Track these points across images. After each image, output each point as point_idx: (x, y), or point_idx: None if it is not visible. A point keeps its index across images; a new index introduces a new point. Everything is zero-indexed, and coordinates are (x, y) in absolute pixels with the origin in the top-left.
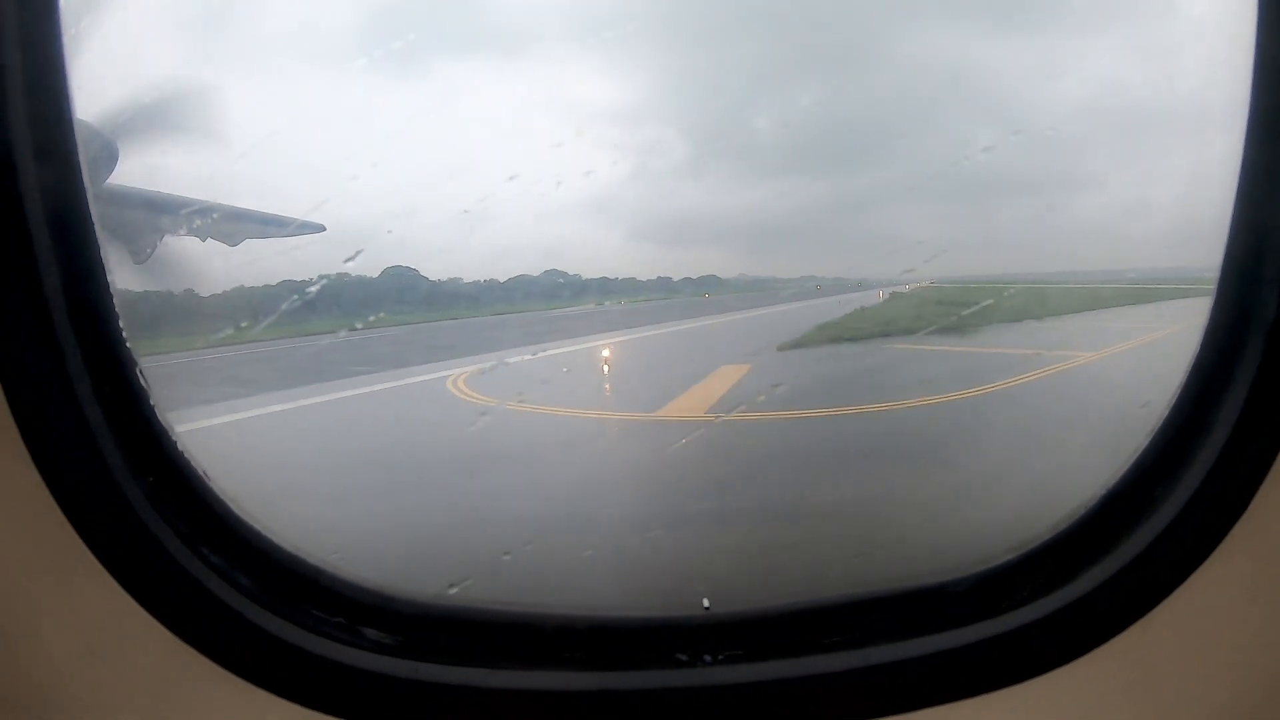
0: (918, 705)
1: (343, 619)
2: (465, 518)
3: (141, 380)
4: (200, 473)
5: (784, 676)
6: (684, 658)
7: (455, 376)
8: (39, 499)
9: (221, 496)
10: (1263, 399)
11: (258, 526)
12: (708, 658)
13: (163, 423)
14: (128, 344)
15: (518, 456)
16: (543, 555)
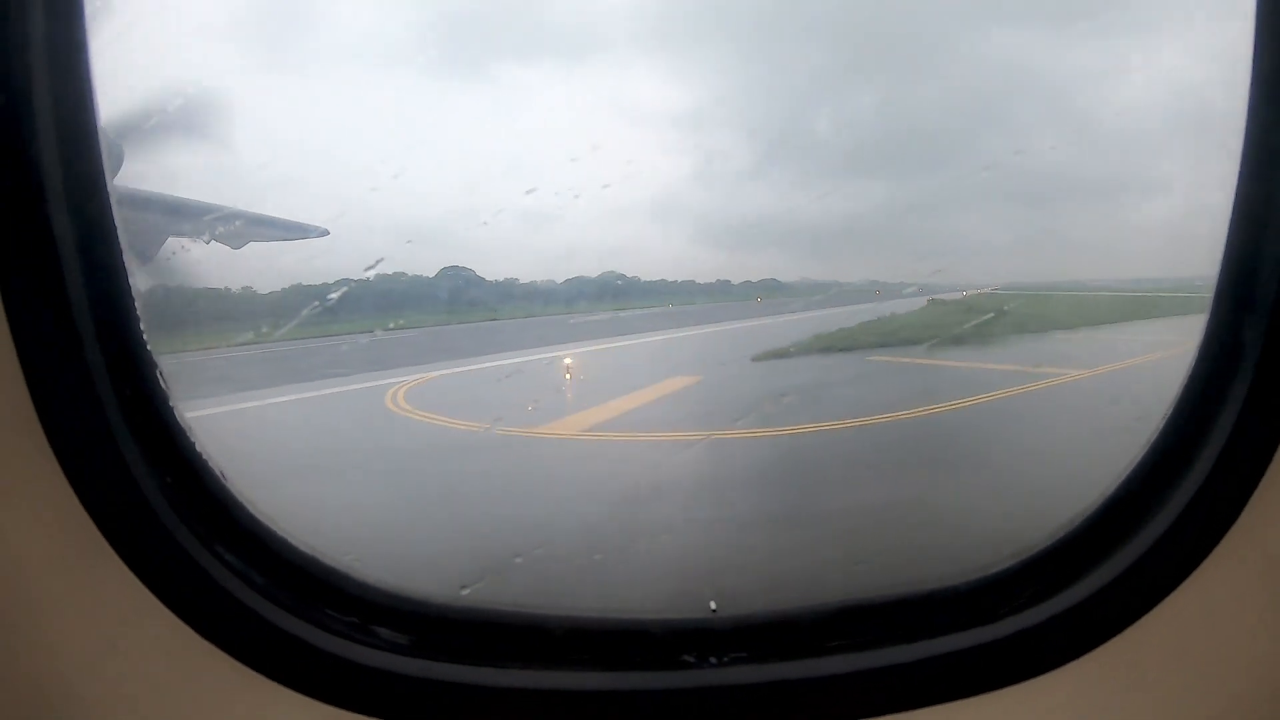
0: (920, 705)
1: (356, 618)
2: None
3: (161, 381)
4: (218, 473)
5: (789, 678)
6: (691, 659)
7: (400, 387)
8: (62, 496)
9: (238, 496)
10: (1258, 407)
11: (273, 526)
12: (714, 659)
13: (182, 423)
14: (148, 345)
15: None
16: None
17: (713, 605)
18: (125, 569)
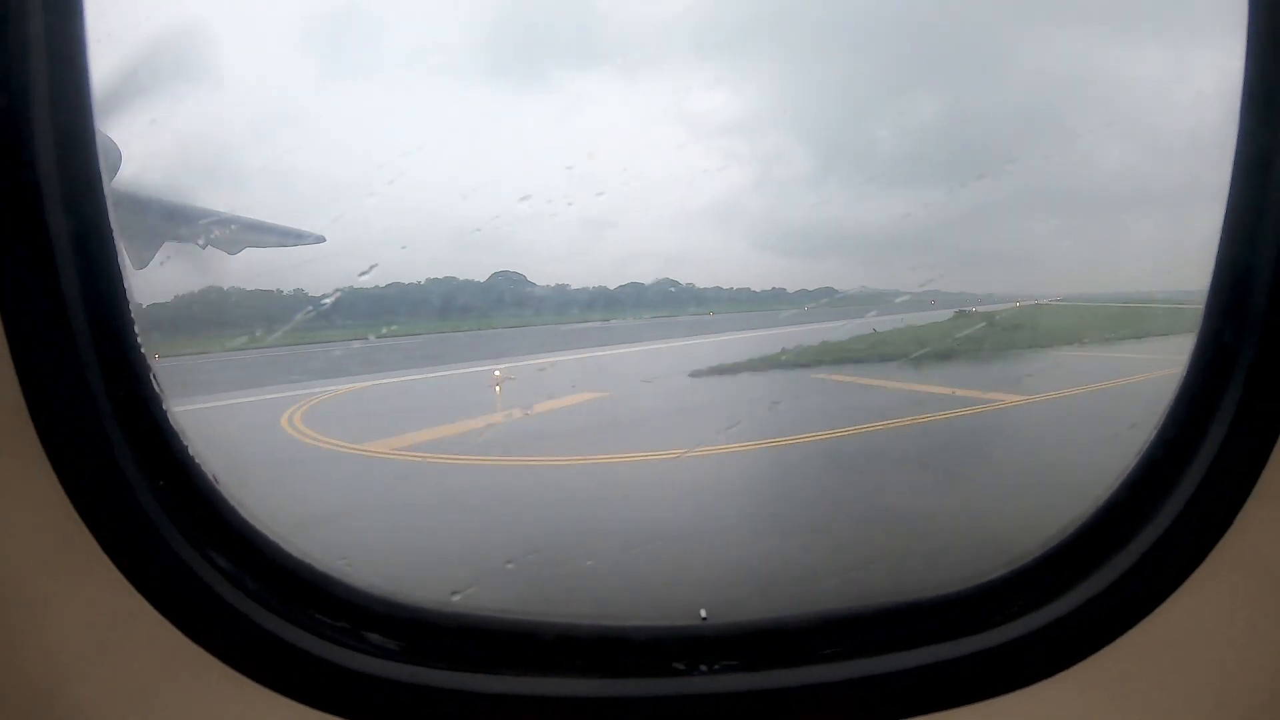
0: (910, 714)
1: (347, 623)
2: None
3: (155, 384)
4: (210, 477)
5: (779, 686)
6: (681, 666)
7: (322, 397)
8: (54, 500)
9: (231, 500)
10: (1248, 419)
11: (265, 531)
12: (704, 667)
13: (175, 427)
14: (142, 349)
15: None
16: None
17: (703, 613)
18: (117, 573)
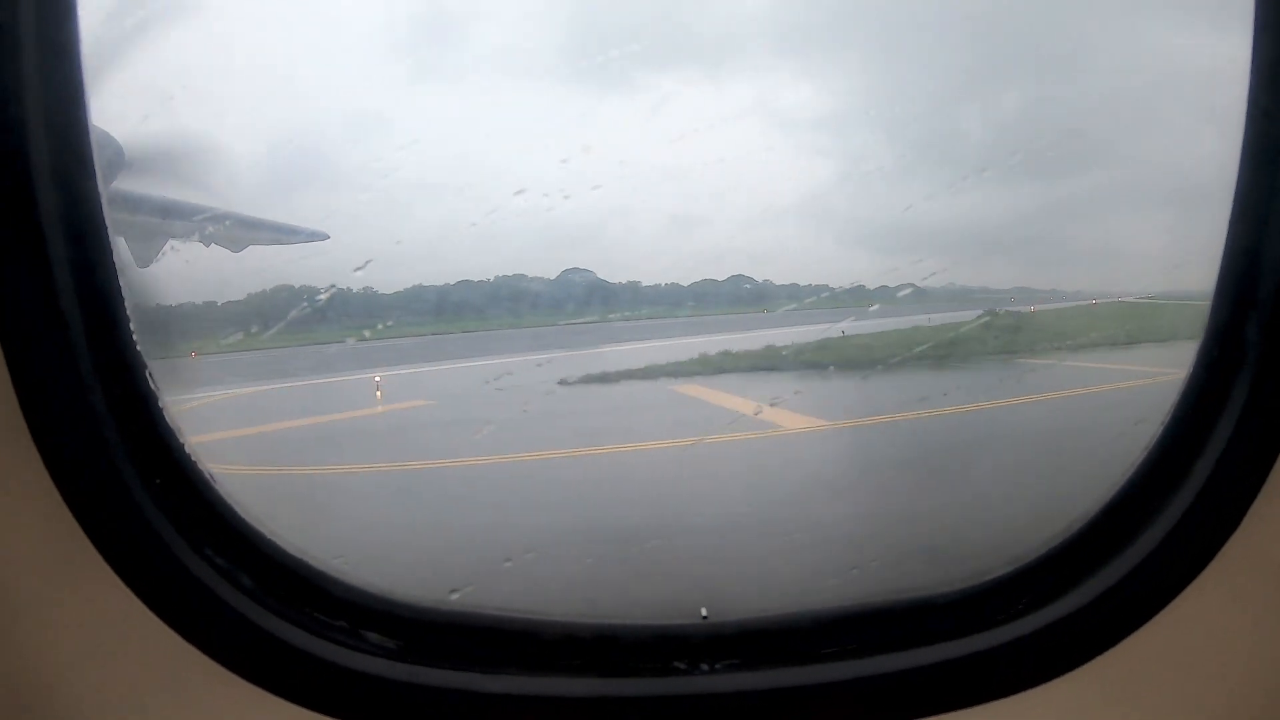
0: (913, 715)
1: (344, 622)
2: None
3: (151, 384)
4: (207, 476)
5: (780, 685)
6: (681, 665)
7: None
8: (48, 500)
9: (228, 499)
10: (1256, 418)
11: (262, 530)
12: (705, 666)
13: (171, 426)
14: (138, 348)
15: None
16: None
17: (703, 612)
18: (112, 573)
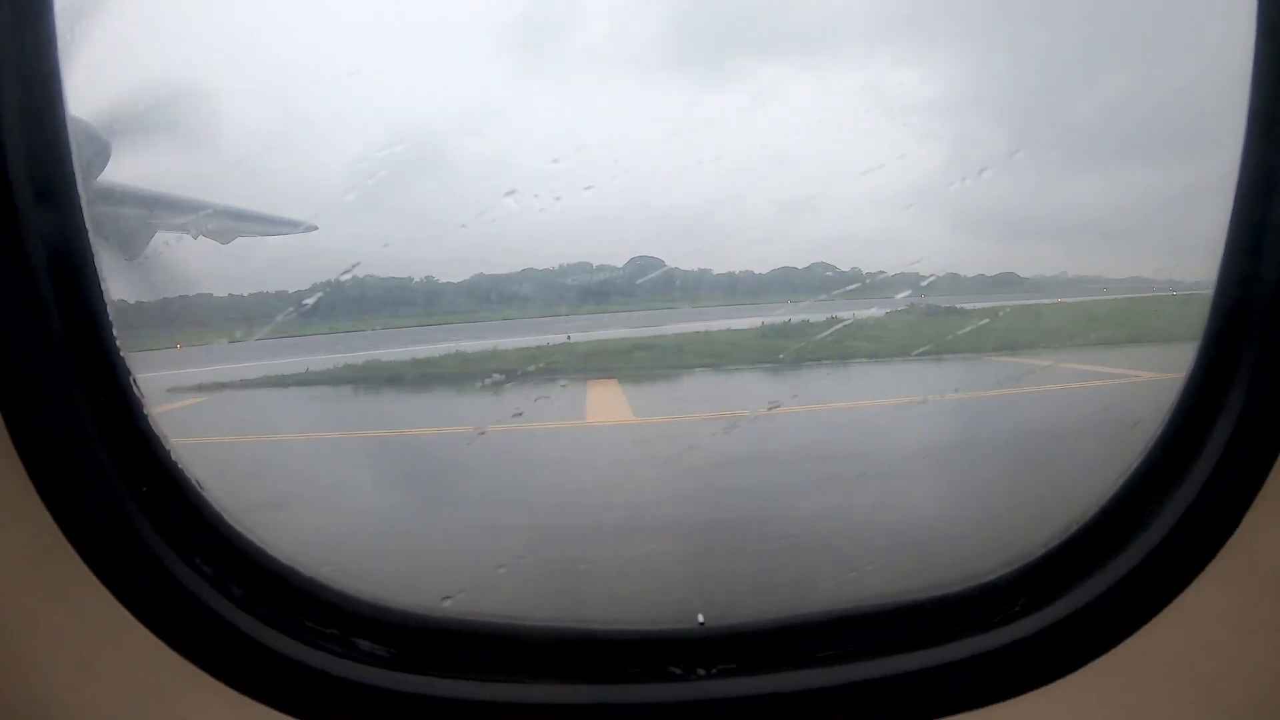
0: (912, 719)
1: (336, 630)
2: None
3: (136, 390)
4: (194, 483)
5: (778, 690)
6: (678, 671)
7: None
8: (33, 510)
9: (215, 506)
10: (1254, 420)
11: (251, 537)
12: (701, 671)
13: (156, 433)
14: (122, 353)
15: None
16: None
17: (700, 618)
18: (99, 584)
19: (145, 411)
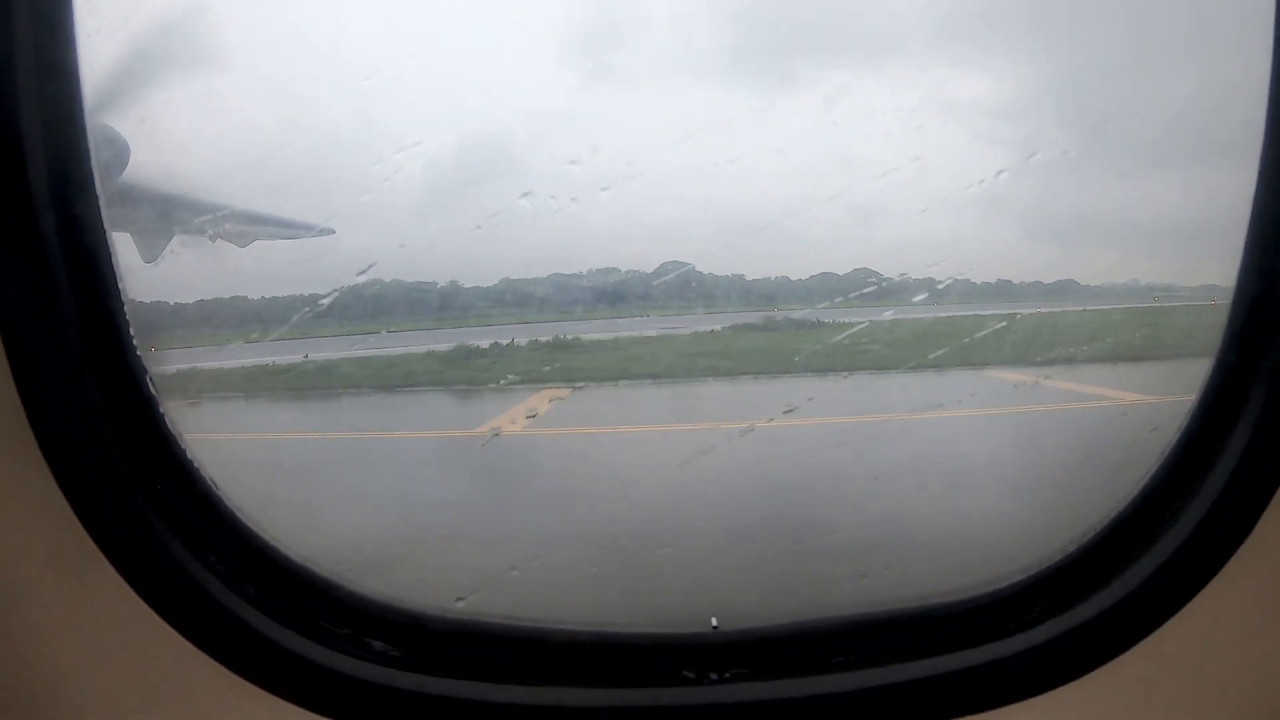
0: None
1: (349, 629)
2: None
3: (152, 388)
4: (209, 481)
5: (791, 696)
6: (691, 675)
7: None
8: (53, 504)
9: (230, 504)
10: (1269, 428)
11: (266, 535)
12: (714, 675)
13: (173, 431)
14: (138, 352)
15: None
16: None
17: (714, 622)
18: (118, 577)
19: (161, 410)
